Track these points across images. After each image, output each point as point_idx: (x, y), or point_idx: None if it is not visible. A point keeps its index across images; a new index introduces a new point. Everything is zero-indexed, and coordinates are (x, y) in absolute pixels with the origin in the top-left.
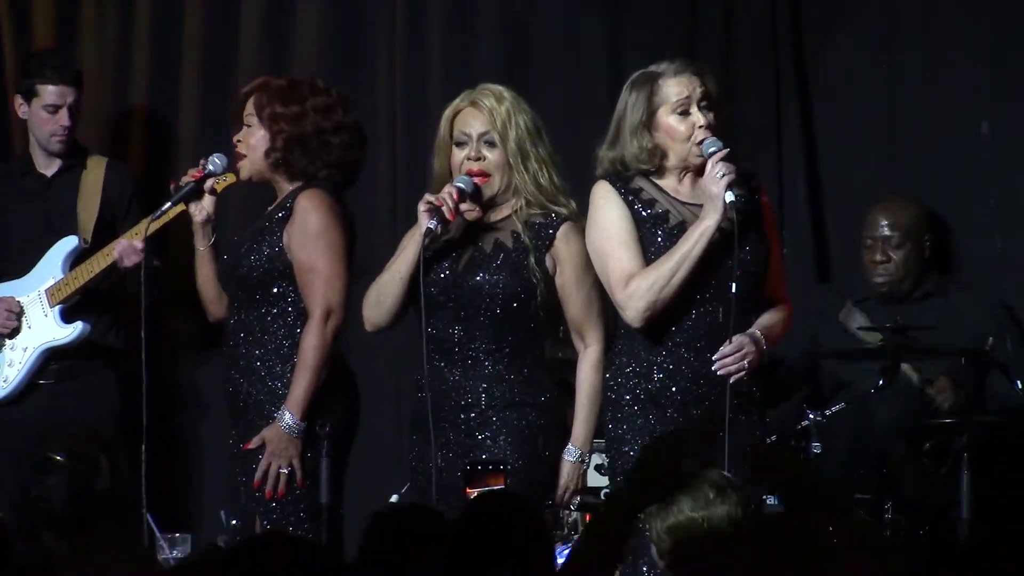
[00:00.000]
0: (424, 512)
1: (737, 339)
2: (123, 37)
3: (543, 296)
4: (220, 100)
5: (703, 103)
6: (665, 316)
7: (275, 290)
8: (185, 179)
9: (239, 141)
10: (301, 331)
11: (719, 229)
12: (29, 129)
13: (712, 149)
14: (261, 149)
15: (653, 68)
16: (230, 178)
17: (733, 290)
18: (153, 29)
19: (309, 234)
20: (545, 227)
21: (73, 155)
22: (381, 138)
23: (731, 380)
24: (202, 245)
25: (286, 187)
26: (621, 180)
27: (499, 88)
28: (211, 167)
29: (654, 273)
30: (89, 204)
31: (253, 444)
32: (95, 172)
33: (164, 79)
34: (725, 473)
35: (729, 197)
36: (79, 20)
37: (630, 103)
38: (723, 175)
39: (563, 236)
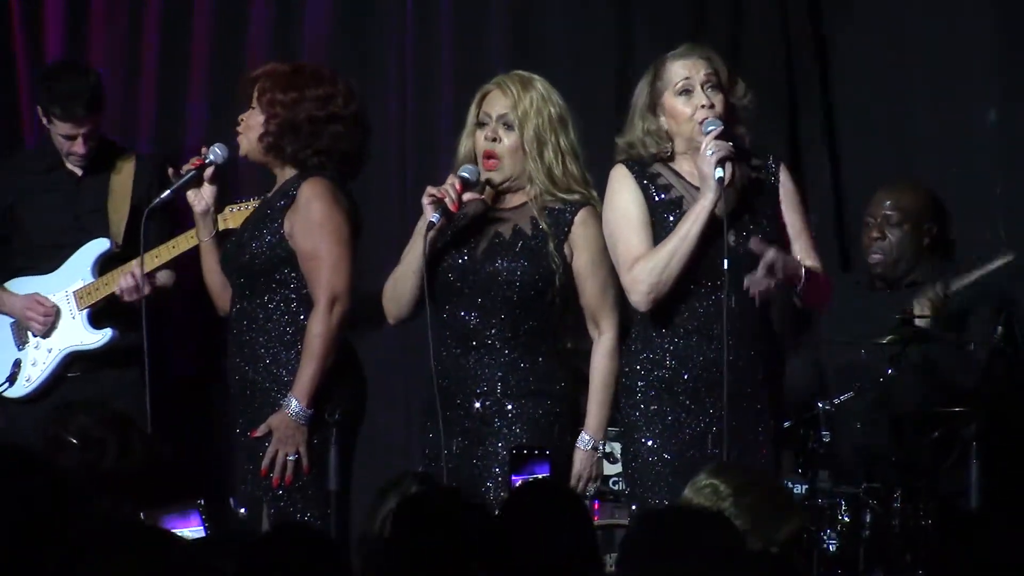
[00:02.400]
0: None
1: (768, 255)
2: (132, 35)
3: (561, 284)
4: (229, 96)
5: (708, 85)
6: (679, 303)
7: (277, 277)
8: (186, 167)
9: (241, 120)
10: (304, 317)
11: (733, 217)
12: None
13: (710, 128)
14: (256, 131)
15: (667, 54)
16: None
17: (726, 266)
18: (162, 27)
19: (313, 222)
20: (563, 213)
21: (100, 154)
22: (391, 130)
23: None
24: (205, 236)
25: (282, 172)
26: (639, 164)
27: (530, 76)
28: (212, 156)
29: (655, 256)
30: (119, 206)
31: (259, 432)
32: (125, 171)
33: (173, 77)
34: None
35: (719, 173)
36: (89, 19)
37: (639, 88)
38: (713, 153)
39: (580, 222)
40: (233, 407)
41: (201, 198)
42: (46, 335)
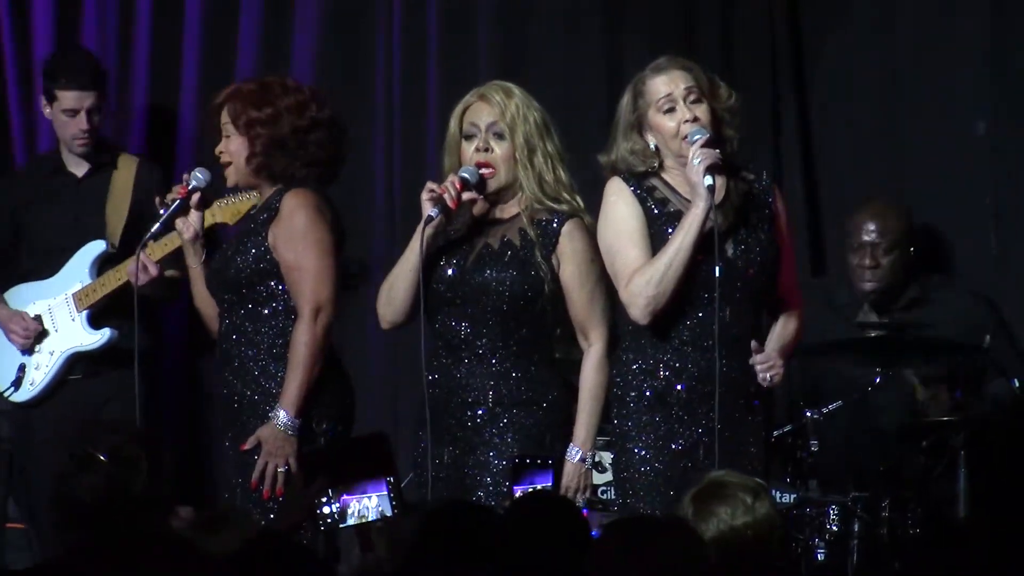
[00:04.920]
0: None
1: (772, 353)
2: (122, 40)
3: (550, 292)
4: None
5: (690, 98)
6: (672, 314)
7: (264, 290)
8: (171, 196)
9: (221, 152)
10: (292, 329)
11: (729, 230)
12: (55, 130)
13: (696, 137)
14: (242, 156)
15: (646, 70)
16: (254, 198)
17: (717, 273)
18: (152, 31)
19: (295, 233)
20: (550, 224)
21: (102, 155)
22: (379, 138)
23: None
24: (194, 263)
25: (269, 190)
26: (635, 177)
27: (509, 85)
28: (194, 182)
29: (651, 268)
30: (119, 207)
31: (249, 444)
32: (125, 173)
33: (163, 82)
34: (743, 475)
35: (708, 181)
36: (79, 24)
37: (622, 106)
38: (700, 161)
39: (567, 233)
40: (221, 420)
41: (189, 226)
42: (33, 346)
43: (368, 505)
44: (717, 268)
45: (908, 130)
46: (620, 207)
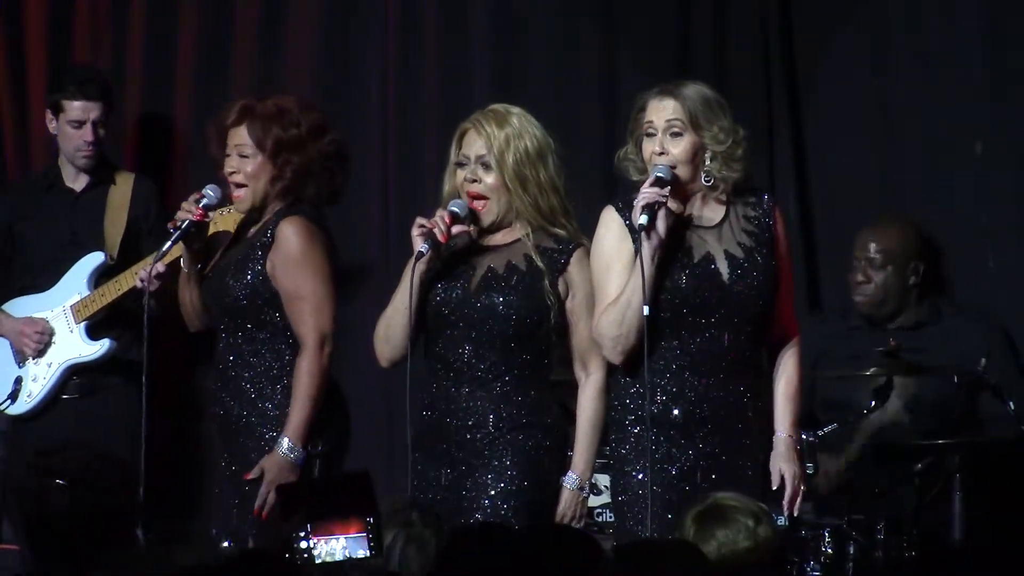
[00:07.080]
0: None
1: (789, 485)
2: (117, 49)
3: (556, 319)
4: (213, 110)
5: (671, 131)
6: (669, 339)
7: (261, 316)
8: (181, 215)
9: (234, 172)
10: (289, 353)
11: (727, 254)
12: (58, 143)
13: (656, 175)
14: (264, 178)
15: (652, 89)
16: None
17: (646, 312)
18: (147, 39)
19: (293, 261)
20: (559, 252)
21: (101, 170)
22: (374, 152)
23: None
24: (188, 268)
25: (270, 208)
26: (628, 208)
27: (505, 111)
28: (206, 200)
29: (613, 310)
30: (116, 220)
31: (253, 474)
32: (123, 188)
33: (157, 89)
34: (746, 498)
35: (641, 220)
36: (72, 31)
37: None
38: (638, 200)
39: (577, 261)
40: (218, 440)
41: (196, 240)
42: (41, 354)
43: (335, 546)
44: (646, 308)
45: (904, 151)
46: (608, 240)
